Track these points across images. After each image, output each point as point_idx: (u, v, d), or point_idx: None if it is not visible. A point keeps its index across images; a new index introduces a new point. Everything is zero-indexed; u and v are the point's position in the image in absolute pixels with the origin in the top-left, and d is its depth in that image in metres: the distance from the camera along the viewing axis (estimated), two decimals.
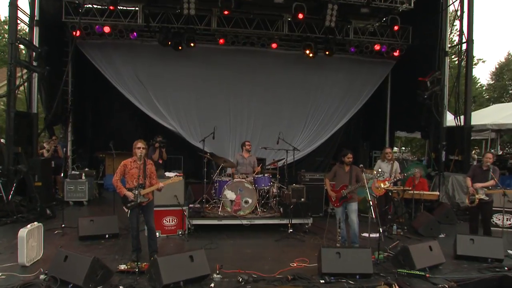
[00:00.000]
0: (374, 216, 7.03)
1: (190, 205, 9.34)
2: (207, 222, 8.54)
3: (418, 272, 6.28)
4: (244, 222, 8.58)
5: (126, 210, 6.69)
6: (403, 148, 29.49)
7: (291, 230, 8.47)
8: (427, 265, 6.50)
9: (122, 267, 6.14)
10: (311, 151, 14.50)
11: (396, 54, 13.58)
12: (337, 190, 7.72)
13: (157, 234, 7.97)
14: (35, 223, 6.69)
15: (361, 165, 7.72)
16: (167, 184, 6.81)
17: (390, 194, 8.89)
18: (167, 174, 8.62)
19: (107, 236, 7.89)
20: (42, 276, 5.72)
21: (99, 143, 13.83)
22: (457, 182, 11.13)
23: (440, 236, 8.74)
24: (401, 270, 6.37)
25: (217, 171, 9.20)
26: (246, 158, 9.71)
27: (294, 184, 9.26)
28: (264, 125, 14.11)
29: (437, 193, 10.22)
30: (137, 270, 5.96)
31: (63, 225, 8.31)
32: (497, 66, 31.66)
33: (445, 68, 12.06)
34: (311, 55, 13.22)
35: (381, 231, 7.08)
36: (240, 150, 10.92)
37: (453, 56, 13.14)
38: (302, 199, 8.89)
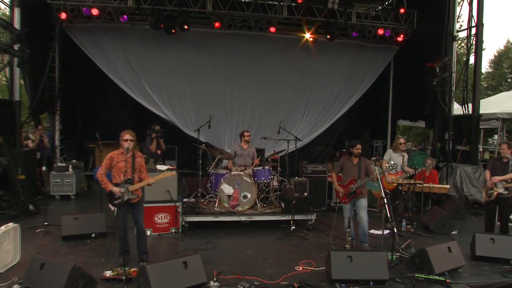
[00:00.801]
0: (389, 215, 6.30)
1: (184, 199, 8.60)
2: (202, 219, 7.78)
3: (437, 277, 5.59)
4: (243, 218, 7.83)
5: (112, 208, 5.94)
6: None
7: (293, 228, 7.72)
8: (447, 269, 5.81)
9: (108, 274, 5.39)
10: (310, 140, 13.71)
11: (400, 39, 12.78)
12: (345, 185, 6.98)
13: (148, 232, 7.29)
14: (10, 224, 5.91)
15: (377, 155, 6.96)
16: (158, 179, 6.03)
17: (400, 187, 8.16)
18: (158, 167, 7.81)
19: (93, 235, 7.12)
20: (15, 286, 4.96)
21: (90, 132, 13.02)
22: (466, 174, 10.44)
23: (453, 233, 8.05)
24: (418, 275, 5.67)
25: (213, 163, 8.41)
26: (245, 150, 8.93)
27: (296, 177, 8.49)
28: (261, 113, 13.33)
29: (448, 186, 9.48)
30: (124, 277, 5.22)
31: (45, 223, 7.50)
32: (496, 54, 30.92)
33: (453, 53, 11.28)
34: (311, 39, 12.42)
35: (395, 230, 6.34)
36: (238, 140, 10.15)
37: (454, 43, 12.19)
38: (305, 193, 8.15)
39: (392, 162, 7.14)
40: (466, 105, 11.27)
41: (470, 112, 11.15)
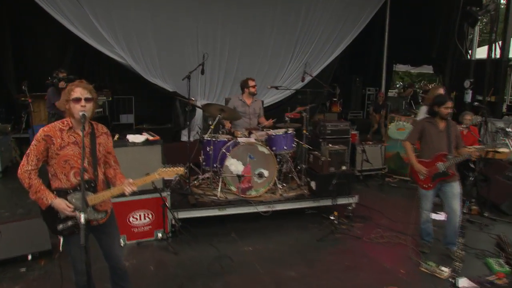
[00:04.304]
0: None
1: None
2: (203, 214, 4.84)
3: None
4: (262, 209, 5.01)
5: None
6: None
7: (333, 219, 5.04)
8: None
9: None
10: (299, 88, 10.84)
11: None
12: (428, 162, 4.32)
13: (121, 241, 4.29)
14: None
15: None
16: (148, 181, 2.94)
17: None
18: (131, 138, 4.61)
19: (29, 257, 4.01)
20: None
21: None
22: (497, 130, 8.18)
23: None
24: None
25: (212, 126, 5.29)
26: (249, 105, 5.95)
27: (329, 144, 5.65)
28: (242, 55, 10.14)
29: (508, 150, 7.08)
30: None
31: None
32: None
33: None
34: None
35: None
36: (221, 89, 7.07)
37: None
38: (343, 167, 5.39)
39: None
40: (494, 47, 8.79)
41: (498, 56, 8.75)
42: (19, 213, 5.35)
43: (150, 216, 4.57)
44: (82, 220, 2.32)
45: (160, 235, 4.61)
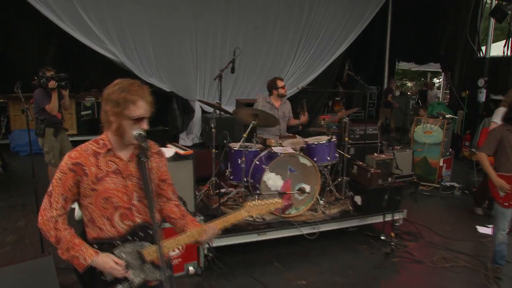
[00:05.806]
0: None
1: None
2: (241, 241, 4.01)
3: None
4: (307, 231, 4.22)
5: None
6: None
7: (384, 239, 4.36)
8: None
9: None
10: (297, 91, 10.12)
11: None
12: (510, 176, 3.65)
13: None
14: None
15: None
16: (230, 221, 2.08)
17: None
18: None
19: None
20: None
21: (3, 81, 8.09)
22: None
23: None
24: None
25: (244, 135, 4.44)
26: (278, 108, 5.15)
27: (375, 154, 4.94)
28: (243, 52, 9.20)
29: None
30: None
31: None
32: None
33: None
34: None
35: None
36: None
37: None
38: (390, 179, 4.67)
39: None
40: (509, 44, 8.33)
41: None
42: (9, 241, 4.35)
43: (180, 247, 3.73)
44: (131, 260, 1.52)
45: (191, 269, 3.75)
